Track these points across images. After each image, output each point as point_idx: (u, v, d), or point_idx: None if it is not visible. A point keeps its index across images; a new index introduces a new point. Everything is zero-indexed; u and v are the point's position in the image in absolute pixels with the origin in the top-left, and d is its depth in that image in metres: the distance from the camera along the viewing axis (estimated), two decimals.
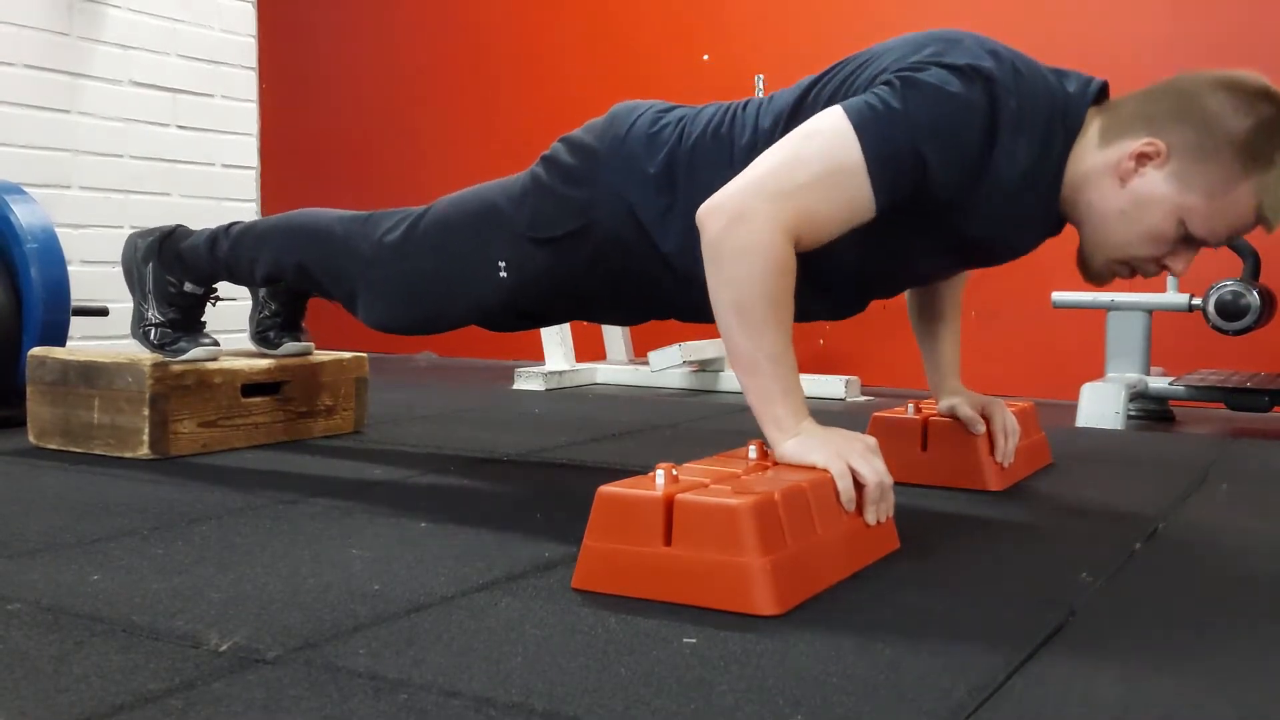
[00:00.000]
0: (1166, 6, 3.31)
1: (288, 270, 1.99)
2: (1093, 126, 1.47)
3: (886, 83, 1.39)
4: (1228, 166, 1.38)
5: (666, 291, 1.66)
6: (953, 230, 1.48)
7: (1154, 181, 1.42)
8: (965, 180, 1.40)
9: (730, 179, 1.41)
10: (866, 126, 1.36)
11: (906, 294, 1.88)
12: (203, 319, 2.19)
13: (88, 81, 4.05)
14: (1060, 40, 3.32)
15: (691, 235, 1.47)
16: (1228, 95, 1.40)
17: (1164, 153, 1.41)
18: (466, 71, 4.49)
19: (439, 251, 1.77)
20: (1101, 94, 1.50)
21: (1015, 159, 1.41)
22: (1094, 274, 1.54)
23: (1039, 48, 3.11)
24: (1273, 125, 1.38)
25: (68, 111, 3.99)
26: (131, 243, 2.16)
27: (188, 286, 2.13)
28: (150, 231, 2.16)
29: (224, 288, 2.22)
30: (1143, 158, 1.42)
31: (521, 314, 1.81)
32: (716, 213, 1.37)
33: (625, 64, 4.07)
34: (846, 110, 1.38)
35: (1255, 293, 2.77)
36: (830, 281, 1.55)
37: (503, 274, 1.71)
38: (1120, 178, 1.44)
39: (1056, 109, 1.45)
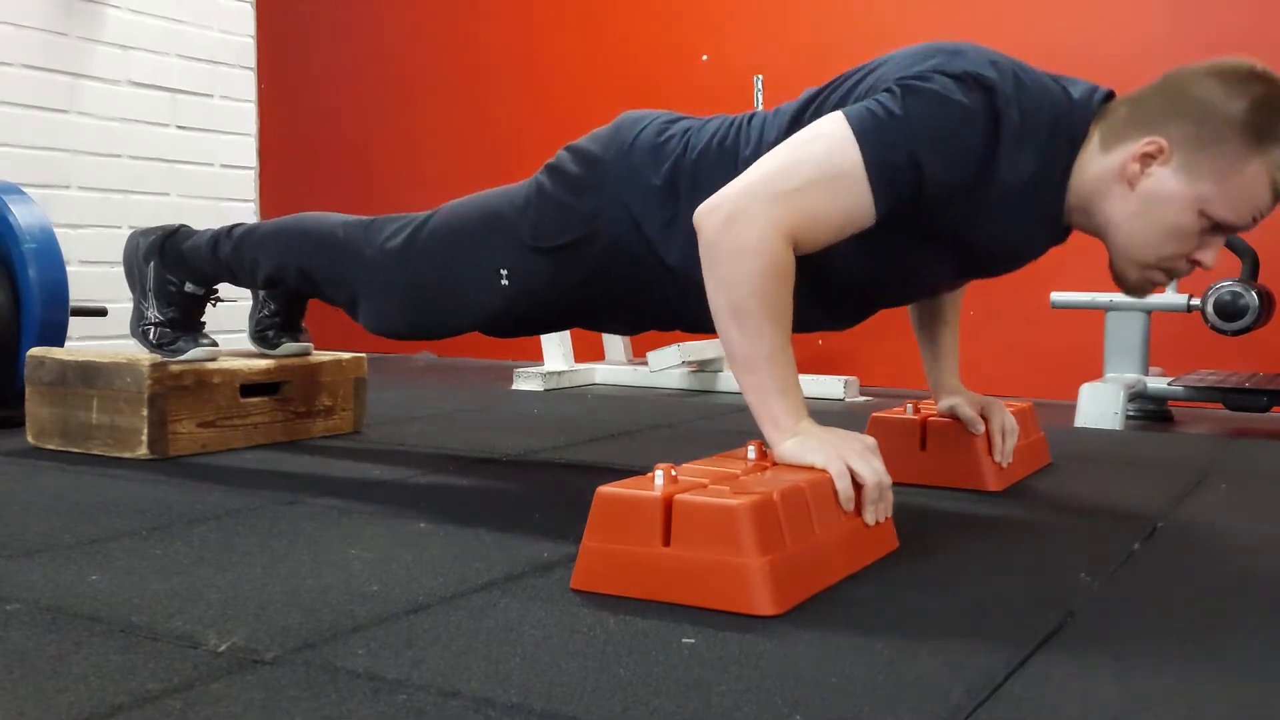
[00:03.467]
0: (1164, 7, 3.31)
1: (289, 274, 1.99)
2: (1095, 134, 1.47)
3: (888, 90, 1.39)
4: (1232, 148, 1.38)
5: (670, 302, 1.66)
6: (954, 238, 1.48)
7: (1162, 179, 1.42)
8: (966, 187, 1.40)
9: None
10: (866, 132, 1.36)
11: None
12: (202, 319, 2.19)
13: (86, 82, 4.05)
14: (1060, 42, 3.32)
15: (694, 246, 1.47)
16: (1218, 81, 1.41)
17: (1166, 149, 1.41)
18: (464, 71, 4.49)
19: (442, 259, 1.77)
20: (1106, 102, 1.49)
21: (1017, 167, 1.41)
22: (1132, 286, 1.52)
23: (1040, 50, 3.10)
24: (1267, 101, 1.39)
25: (66, 111, 3.99)
26: (133, 241, 2.16)
27: (189, 287, 2.13)
28: (152, 230, 2.15)
29: (224, 289, 2.22)
30: (1146, 158, 1.42)
31: (522, 321, 1.81)
32: (713, 213, 1.37)
33: (623, 64, 4.07)
34: (847, 115, 1.38)
35: (1253, 293, 2.78)
36: (832, 291, 1.55)
37: (505, 282, 1.71)
38: (1128, 181, 1.43)
39: (1060, 118, 1.45)
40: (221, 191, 4.53)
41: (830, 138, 1.38)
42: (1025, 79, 1.43)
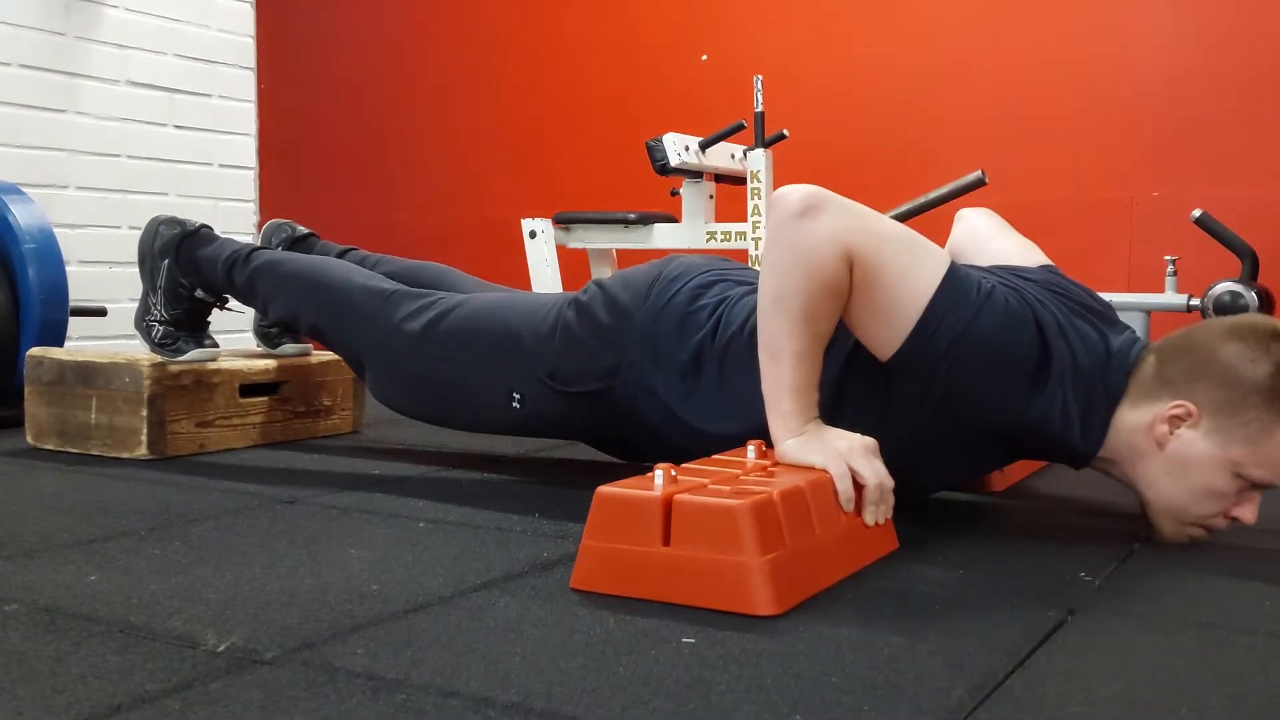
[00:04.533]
0: (1165, 6, 3.31)
1: (300, 324, 2.00)
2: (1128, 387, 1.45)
3: (983, 278, 1.40)
4: (1261, 412, 1.36)
5: (683, 448, 1.63)
6: (973, 446, 1.49)
7: (1191, 442, 1.40)
8: (998, 407, 1.39)
9: (758, 375, 1.41)
10: (949, 288, 1.35)
11: None
12: (208, 320, 2.18)
13: (85, 81, 4.05)
14: (1060, 40, 3.32)
15: (719, 410, 1.53)
16: (1241, 345, 1.38)
17: (1195, 413, 1.39)
18: (465, 70, 4.49)
19: (455, 362, 1.77)
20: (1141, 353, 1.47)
21: (1051, 412, 1.39)
22: (1167, 539, 1.49)
23: (1038, 46, 3.09)
24: None
25: (64, 111, 3.99)
26: (153, 228, 2.13)
27: (199, 293, 2.12)
28: (174, 223, 2.13)
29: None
30: (1175, 420, 1.40)
31: (527, 432, 1.84)
32: (792, 195, 1.36)
33: (624, 63, 4.07)
34: (951, 263, 1.38)
35: (1253, 293, 2.77)
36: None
37: (515, 405, 1.73)
38: (1157, 441, 1.42)
39: (1098, 371, 1.43)
40: (221, 191, 4.53)
41: (928, 254, 1.37)
42: (1069, 330, 1.42)
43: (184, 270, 2.11)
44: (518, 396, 1.72)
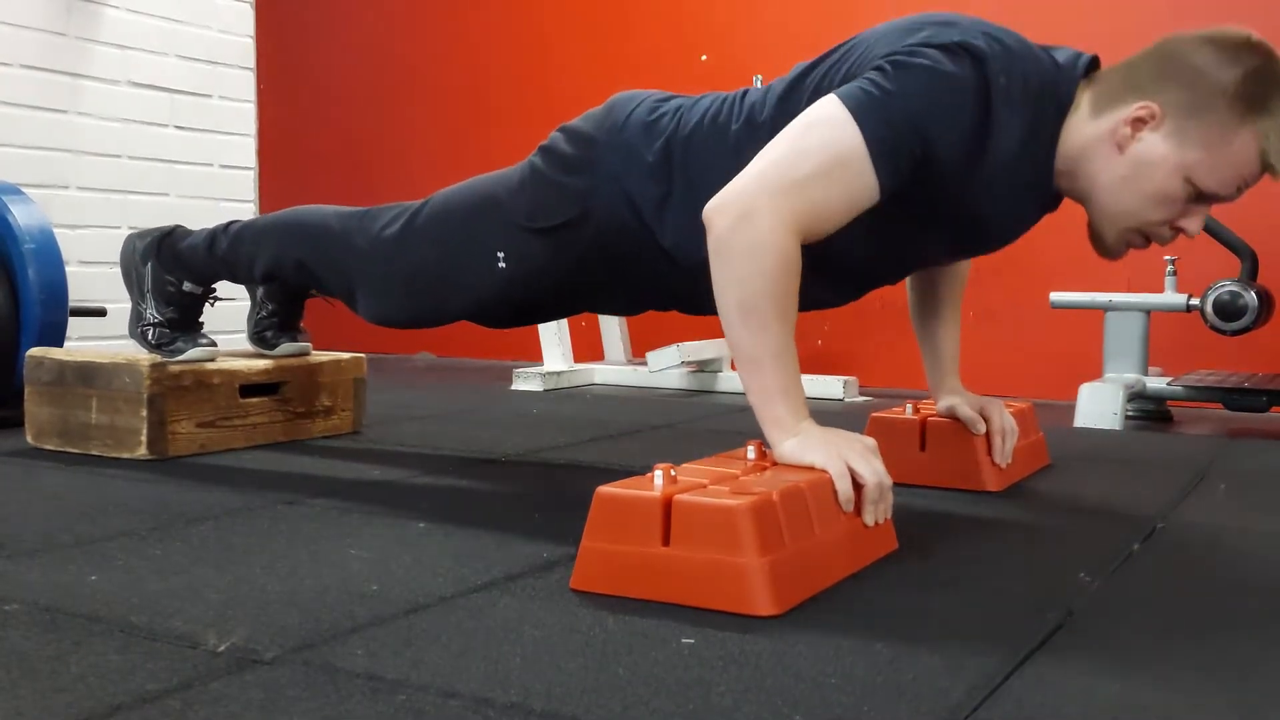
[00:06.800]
0: (1165, 5, 3.31)
1: (287, 267, 1.99)
2: (1085, 99, 1.48)
3: (878, 68, 1.40)
4: (1223, 117, 1.40)
5: (666, 281, 1.66)
6: (952, 211, 1.48)
7: (1152, 144, 1.44)
8: (965, 158, 1.41)
9: (726, 166, 1.43)
10: (863, 112, 1.36)
11: (909, 293, 1.88)
12: (201, 319, 2.18)
13: (86, 82, 4.05)
14: (1060, 39, 3.32)
15: (689, 228, 1.48)
16: (1213, 50, 1.42)
17: (1158, 115, 1.43)
18: (464, 72, 4.49)
19: (437, 244, 1.77)
20: (1092, 67, 1.51)
21: (1010, 134, 1.42)
22: (1108, 249, 1.54)
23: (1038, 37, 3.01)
24: (1261, 72, 1.41)
25: (65, 112, 3.99)
26: (130, 243, 2.16)
27: (186, 286, 2.13)
28: (148, 232, 2.16)
29: (223, 288, 2.22)
30: (1138, 122, 1.44)
31: (521, 307, 1.81)
32: (723, 211, 1.37)
33: (622, 63, 4.07)
34: (842, 98, 1.38)
35: (1253, 293, 2.78)
36: (833, 270, 1.55)
37: (501, 264, 1.71)
38: (1118, 145, 1.45)
39: (1047, 84, 1.46)
40: (221, 192, 4.52)
41: (829, 123, 1.38)
42: (1015, 47, 1.45)
43: (168, 267, 2.12)
44: (501, 255, 1.71)
